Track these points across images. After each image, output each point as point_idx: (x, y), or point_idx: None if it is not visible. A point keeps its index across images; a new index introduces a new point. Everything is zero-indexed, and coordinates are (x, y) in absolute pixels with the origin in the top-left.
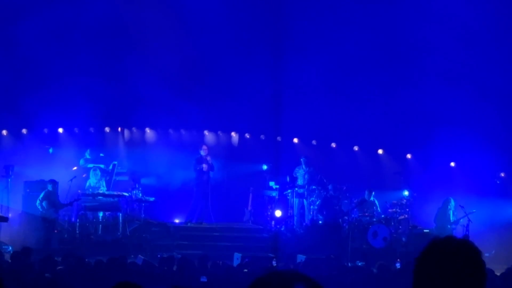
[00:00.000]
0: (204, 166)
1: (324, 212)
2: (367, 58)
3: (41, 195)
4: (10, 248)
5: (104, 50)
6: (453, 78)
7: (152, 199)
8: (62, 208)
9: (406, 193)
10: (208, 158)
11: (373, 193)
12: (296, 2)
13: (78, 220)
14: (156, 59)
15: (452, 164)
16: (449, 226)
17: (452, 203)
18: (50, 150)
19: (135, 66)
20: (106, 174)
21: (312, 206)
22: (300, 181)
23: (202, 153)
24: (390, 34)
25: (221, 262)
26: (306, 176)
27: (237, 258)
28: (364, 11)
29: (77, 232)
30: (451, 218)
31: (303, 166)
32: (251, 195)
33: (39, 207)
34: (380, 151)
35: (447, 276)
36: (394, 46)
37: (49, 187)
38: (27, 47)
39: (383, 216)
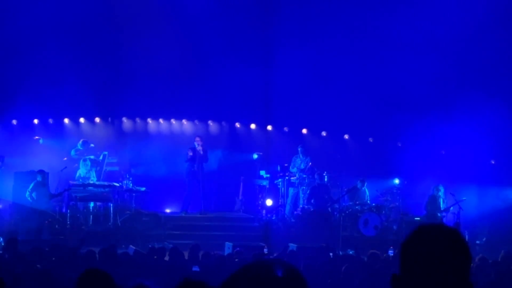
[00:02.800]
0: (189, 152)
1: (312, 201)
2: (356, 46)
3: (31, 186)
4: (1, 239)
5: (96, 39)
6: (443, 65)
7: (143, 189)
8: (53, 198)
9: (396, 181)
10: (200, 148)
11: (366, 183)
12: None
13: (69, 210)
14: (148, 49)
15: (443, 151)
16: (439, 214)
17: (442, 190)
18: (41, 141)
19: (125, 55)
20: (96, 164)
21: (302, 195)
22: (294, 170)
23: (196, 144)
24: (378, 21)
25: (212, 252)
26: (302, 166)
27: (228, 248)
28: (353, 0)
29: (68, 222)
30: (442, 206)
31: (300, 155)
32: (241, 184)
33: (29, 198)
34: (370, 139)
35: (432, 260)
36: (382, 34)
37: (39, 178)
38: (17, 37)
39: (374, 204)
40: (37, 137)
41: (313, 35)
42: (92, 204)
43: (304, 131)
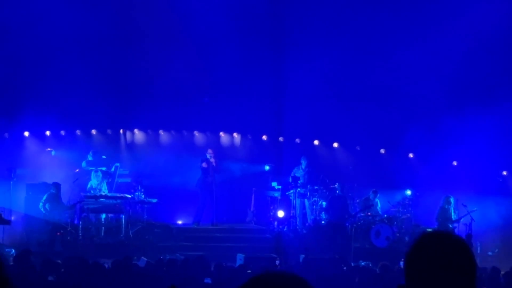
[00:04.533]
0: (204, 164)
1: (331, 212)
2: (368, 58)
3: (44, 198)
4: (13, 251)
5: (109, 52)
6: (454, 77)
7: (154, 200)
8: (67, 210)
9: (408, 192)
10: (212, 160)
11: (378, 194)
12: (297, 5)
13: (81, 222)
14: (159, 61)
15: (455, 163)
16: (450, 225)
17: (452, 201)
18: (53, 153)
19: (137, 68)
20: (108, 176)
21: (314, 206)
22: (300, 181)
23: (208, 156)
24: (390, 34)
25: (224, 263)
26: (305, 176)
27: (240, 259)
28: (364, 13)
29: (80, 234)
30: (453, 217)
31: (302, 166)
32: (253, 195)
33: (42, 209)
34: (382, 151)
35: (436, 269)
36: (394, 46)
37: (52, 190)
38: (29, 49)
39: (385, 215)
40: (49, 149)
41: (325, 47)
42: (104, 216)
43: (316, 142)
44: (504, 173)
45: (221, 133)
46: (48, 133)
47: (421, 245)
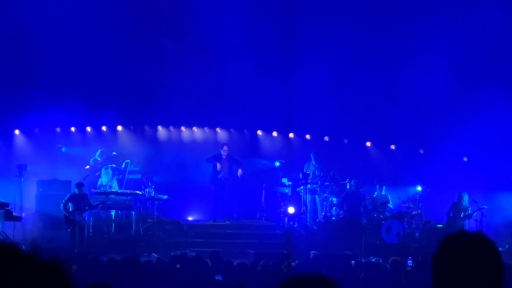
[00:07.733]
0: (218, 165)
1: (345, 208)
2: (377, 54)
3: (66, 197)
4: (24, 247)
5: (121, 48)
6: (465, 72)
7: (165, 197)
8: (92, 209)
9: (419, 188)
10: (224, 155)
11: (384, 187)
12: (308, 3)
13: (91, 219)
14: (170, 57)
15: (465, 158)
16: (462, 221)
17: (466, 197)
18: (63, 149)
19: (147, 64)
20: (118, 172)
21: (325, 202)
22: (310, 177)
23: (223, 153)
24: (398, 29)
25: (234, 260)
26: (316, 172)
27: (250, 255)
28: (376, 8)
29: (91, 231)
30: (465, 213)
31: (313, 162)
32: (264, 192)
33: (63, 209)
34: (392, 147)
35: (466, 270)
36: (403, 41)
37: (76, 191)
38: (39, 45)
39: (396, 211)
40: (59, 146)
41: (334, 44)
42: (114, 212)
43: (326, 138)
44: None
45: (232, 130)
46: (58, 129)
47: (448, 246)
